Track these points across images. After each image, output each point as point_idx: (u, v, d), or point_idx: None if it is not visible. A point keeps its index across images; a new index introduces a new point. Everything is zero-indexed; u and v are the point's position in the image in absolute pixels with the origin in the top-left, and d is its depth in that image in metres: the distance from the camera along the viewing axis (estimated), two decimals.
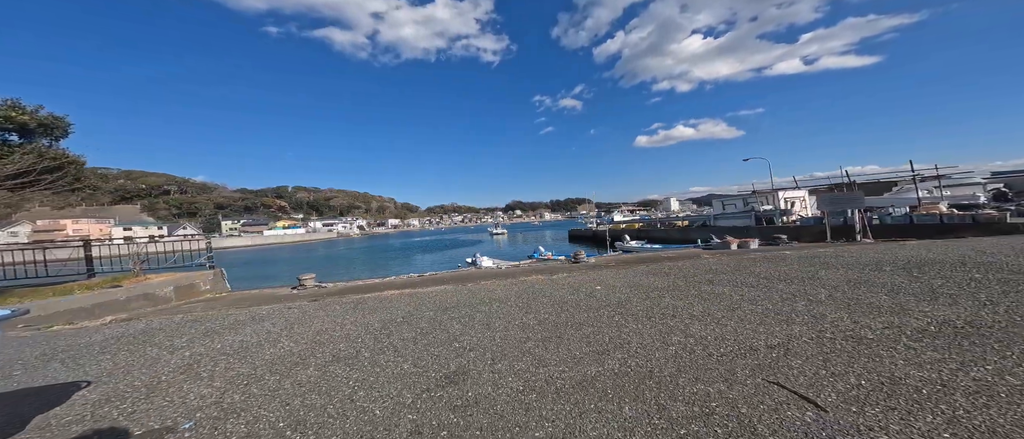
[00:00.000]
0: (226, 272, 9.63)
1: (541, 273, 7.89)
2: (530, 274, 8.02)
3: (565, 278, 6.62)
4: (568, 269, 8.58)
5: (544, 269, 9.14)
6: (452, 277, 8.96)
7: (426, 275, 10.07)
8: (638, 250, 16.70)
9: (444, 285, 6.84)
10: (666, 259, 8.84)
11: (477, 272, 9.94)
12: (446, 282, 7.68)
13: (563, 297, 4.80)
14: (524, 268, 10.55)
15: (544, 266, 10.37)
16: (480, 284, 6.49)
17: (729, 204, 19.32)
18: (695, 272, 6.05)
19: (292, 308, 5.28)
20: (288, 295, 8.03)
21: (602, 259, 11.39)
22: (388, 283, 8.79)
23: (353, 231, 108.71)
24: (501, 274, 8.71)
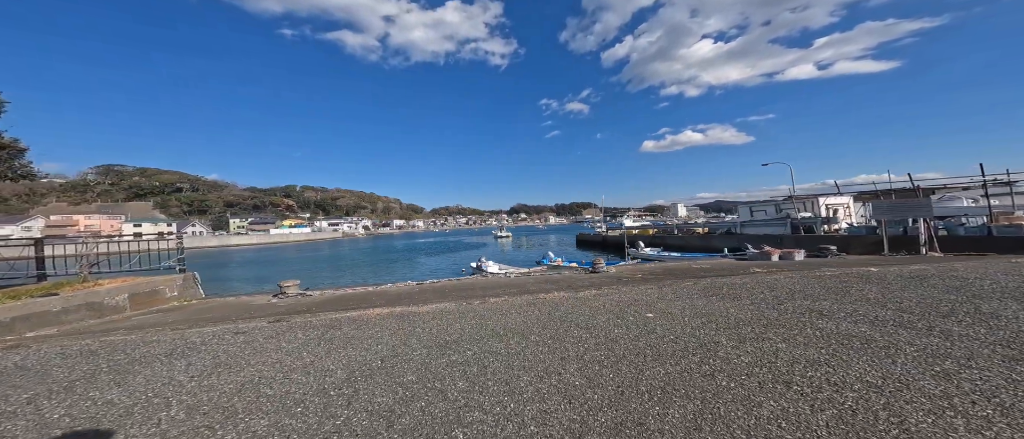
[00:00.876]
0: (223, 272, 8.36)
1: (561, 288, 6.48)
2: (548, 288, 6.62)
3: (594, 296, 5.20)
4: (591, 282, 7.15)
5: (561, 281, 7.72)
6: (455, 288, 7.57)
7: (425, 284, 8.71)
8: (658, 259, 15.19)
9: (445, 301, 5.45)
10: (709, 273, 7.38)
11: (483, 282, 8.57)
12: (448, 296, 6.29)
13: (606, 329, 3.40)
14: (537, 278, 9.14)
15: (560, 277, 8.95)
16: (490, 303, 5.09)
17: (758, 210, 17.67)
18: (770, 294, 4.61)
19: (240, 335, 3.94)
20: (262, 306, 6.73)
21: (623, 269, 9.93)
22: (381, 293, 7.45)
23: (358, 231, 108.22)
24: (512, 286, 7.31)
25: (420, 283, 9.20)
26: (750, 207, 18.39)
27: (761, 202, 18.32)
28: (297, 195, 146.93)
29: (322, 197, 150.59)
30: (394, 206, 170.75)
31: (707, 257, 13.59)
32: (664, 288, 5.36)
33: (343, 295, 7.86)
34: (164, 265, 7.86)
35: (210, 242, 68.11)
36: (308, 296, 7.79)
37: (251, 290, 12.68)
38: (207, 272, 26.51)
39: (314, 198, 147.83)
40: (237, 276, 23.06)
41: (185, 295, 7.62)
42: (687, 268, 9.03)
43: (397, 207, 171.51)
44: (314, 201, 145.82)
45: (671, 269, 8.95)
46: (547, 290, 6.14)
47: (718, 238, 17.89)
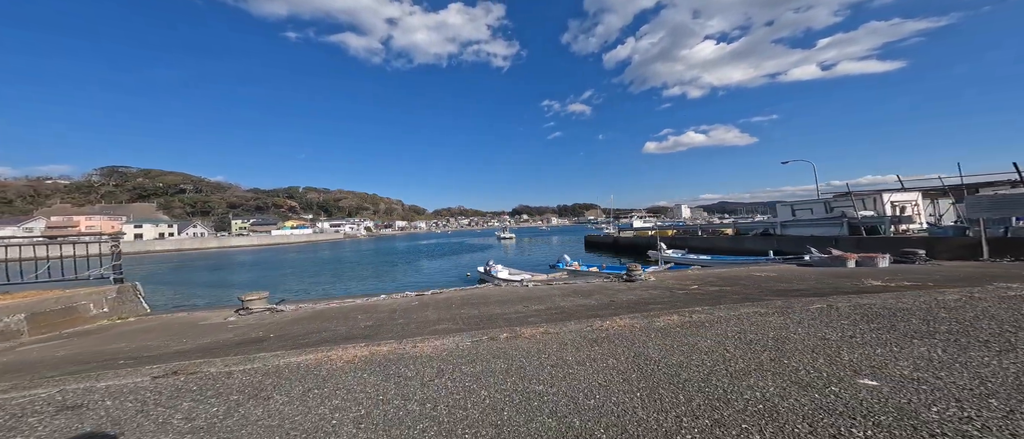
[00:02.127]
0: (212, 276, 6.60)
1: (616, 309, 4.70)
2: (595, 308, 4.85)
3: (685, 327, 3.36)
4: (644, 298, 5.36)
5: (599, 294, 5.93)
6: (465, 302, 5.78)
7: (426, 296, 6.93)
8: (694, 263, 13.33)
9: (455, 333, 3.65)
10: (800, 285, 5.59)
11: (497, 293, 6.78)
12: (458, 320, 4.50)
13: (792, 417, 1.61)
14: (563, 288, 7.35)
15: (590, 286, 7.17)
16: (524, 337, 3.26)
17: (801, 209, 15.72)
18: (986, 327, 2.83)
19: (69, 412, 2.16)
20: (212, 327, 4.97)
21: (662, 275, 8.12)
22: (369, 308, 5.68)
23: (360, 232, 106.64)
24: (537, 300, 5.53)
25: (420, 294, 7.43)
26: (791, 206, 16.40)
27: (805, 200, 16.35)
28: (300, 196, 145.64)
29: (325, 198, 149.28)
30: (396, 207, 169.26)
31: (748, 261, 11.77)
32: (787, 315, 3.56)
33: (322, 311, 6.10)
34: (94, 275, 6.10)
35: (210, 244, 66.54)
36: (278, 312, 6.03)
37: (216, 301, 10.93)
38: (196, 275, 24.85)
39: (317, 199, 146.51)
40: (221, 281, 21.33)
41: (120, 311, 5.87)
42: (748, 275, 7.22)
43: (399, 208, 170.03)
44: (317, 202, 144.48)
45: (729, 277, 7.15)
46: (599, 313, 4.33)
47: (753, 240, 15.98)
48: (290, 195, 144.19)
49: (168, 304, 12.29)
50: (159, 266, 34.50)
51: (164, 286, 18.63)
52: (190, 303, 11.68)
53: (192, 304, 11.44)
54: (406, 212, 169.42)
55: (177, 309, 7.19)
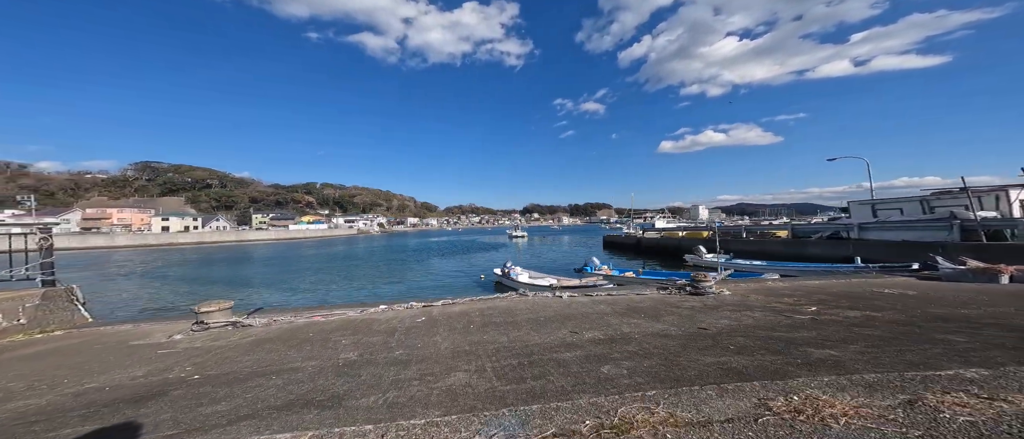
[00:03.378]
0: (222, 271, 5.29)
1: (770, 354, 2.96)
2: (704, 348, 3.14)
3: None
4: (799, 333, 3.57)
5: (681, 318, 4.23)
6: (486, 323, 4.15)
7: (436, 309, 5.35)
8: (753, 270, 11.19)
9: (482, 412, 1.95)
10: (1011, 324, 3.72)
11: (527, 308, 5.13)
12: (487, 384, 2.84)
13: None
14: (611, 301, 5.63)
15: (643, 301, 5.44)
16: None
17: (887, 208, 13.23)
18: None
19: None
20: (139, 352, 3.53)
21: (737, 289, 6.29)
22: (362, 326, 4.12)
23: (373, 228, 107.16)
24: (586, 322, 3.84)
25: (428, 305, 5.87)
26: (872, 206, 13.90)
27: (892, 198, 13.85)
28: (317, 192, 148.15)
29: (340, 194, 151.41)
30: (409, 204, 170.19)
31: (826, 270, 9.76)
32: None
33: (299, 328, 4.61)
34: (16, 276, 4.77)
35: (229, 237, 67.62)
36: (243, 326, 4.58)
37: (191, 303, 9.79)
38: (203, 270, 24.10)
39: (333, 195, 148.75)
40: (222, 277, 20.50)
41: (43, 322, 4.54)
42: (869, 292, 5.33)
43: (412, 205, 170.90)
44: (333, 198, 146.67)
45: (836, 292, 5.28)
46: (726, 360, 2.60)
47: (818, 245, 13.58)
48: (308, 191, 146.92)
49: (137, 307, 11.23)
50: (175, 258, 34.54)
51: (161, 281, 17.87)
52: (154, 308, 10.55)
53: (154, 311, 10.26)
54: (418, 209, 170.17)
55: (123, 321, 5.86)
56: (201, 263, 28.94)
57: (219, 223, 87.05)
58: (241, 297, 13.18)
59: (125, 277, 19.18)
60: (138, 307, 11.11)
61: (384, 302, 6.53)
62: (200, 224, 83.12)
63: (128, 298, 12.79)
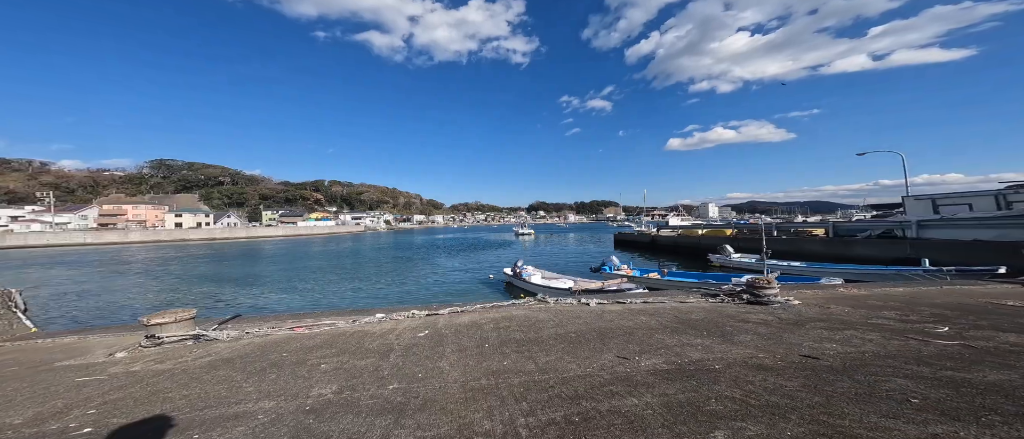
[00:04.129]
0: (226, 268, 4.58)
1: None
2: (831, 401, 2.01)
3: None
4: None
5: (752, 336, 3.12)
6: (503, 340, 3.09)
7: (441, 320, 4.37)
8: (789, 272, 9.93)
9: None
10: None
11: (552, 323, 4.11)
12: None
13: None
14: (649, 310, 4.58)
15: (707, 313, 4.39)
16: None
17: (951, 205, 11.79)
18: None
19: None
20: (65, 376, 2.63)
21: (810, 297, 5.17)
22: (349, 346, 3.07)
23: (380, 225, 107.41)
24: (630, 339, 2.79)
25: (432, 312, 4.91)
26: (932, 201, 12.41)
27: (958, 193, 12.34)
28: (325, 189, 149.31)
29: (348, 191, 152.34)
30: (415, 201, 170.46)
31: (888, 273, 8.57)
32: None
33: (274, 343, 3.69)
34: None
35: (239, 233, 68.14)
36: (206, 342, 3.69)
37: (164, 307, 9.01)
38: (202, 267, 23.62)
39: (340, 192, 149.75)
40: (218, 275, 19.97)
41: None
42: (983, 303, 4.18)
43: (418, 203, 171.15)
44: (340, 195, 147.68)
45: (946, 304, 4.15)
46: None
47: (866, 245, 12.11)
48: (317, 188, 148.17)
49: (111, 310, 10.29)
50: (184, 255, 34.46)
51: (160, 279, 17.32)
52: (112, 315, 9.66)
53: (110, 318, 9.35)
54: (424, 206, 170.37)
55: (70, 331, 5.00)
56: (209, 259, 28.65)
57: (230, 220, 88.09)
58: (237, 296, 12.46)
59: (123, 275, 18.73)
60: (112, 310, 10.26)
61: (383, 309, 5.59)
62: (212, 221, 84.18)
63: (107, 301, 11.75)
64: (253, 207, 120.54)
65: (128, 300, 11.84)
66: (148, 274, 19.01)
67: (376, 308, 5.69)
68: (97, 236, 52.80)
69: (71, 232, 54.14)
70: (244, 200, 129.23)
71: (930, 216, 12.04)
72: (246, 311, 9.71)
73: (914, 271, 8.45)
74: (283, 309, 10.17)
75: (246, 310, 9.89)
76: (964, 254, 8.98)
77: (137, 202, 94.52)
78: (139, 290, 13.98)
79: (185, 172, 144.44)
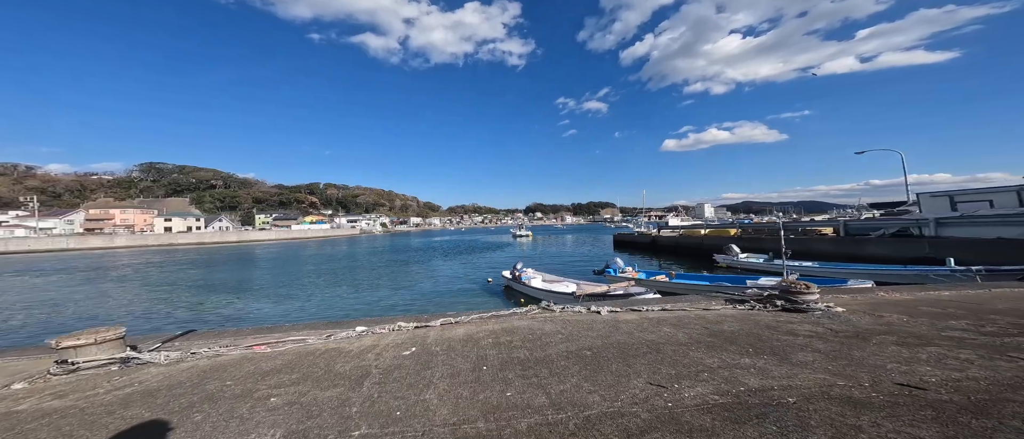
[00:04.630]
0: (208, 274, 4.28)
1: None
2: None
3: None
4: None
5: (806, 353, 2.41)
6: (506, 361, 2.31)
7: (432, 333, 3.64)
8: (800, 272, 9.30)
9: None
10: None
11: (561, 337, 3.41)
12: None
13: None
14: (671, 320, 3.90)
15: (737, 322, 3.73)
16: None
17: (970, 202, 11.25)
18: None
19: None
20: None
21: (849, 302, 4.55)
22: (314, 372, 2.25)
23: (376, 228, 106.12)
24: (657, 357, 2.11)
25: (422, 324, 4.22)
26: (950, 197, 12.01)
27: (976, 190, 12.01)
28: (320, 192, 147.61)
29: (343, 194, 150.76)
30: (411, 204, 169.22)
31: (911, 272, 8.04)
32: None
33: (223, 366, 2.97)
34: None
35: (230, 237, 66.60)
36: (136, 366, 2.96)
37: (103, 321, 8.11)
38: (184, 272, 22.60)
39: (336, 195, 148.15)
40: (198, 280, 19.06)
41: None
42: None
43: (414, 205, 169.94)
44: (336, 198, 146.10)
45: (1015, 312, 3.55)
46: None
47: (879, 244, 11.57)
48: (312, 191, 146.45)
49: (50, 326, 9.13)
50: (169, 259, 33.29)
51: (128, 286, 16.34)
52: (52, 331, 8.41)
53: (44, 336, 8.22)
54: (421, 209, 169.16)
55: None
56: (193, 264, 27.58)
57: (222, 223, 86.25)
58: (210, 304, 11.55)
59: (94, 282, 17.64)
60: (53, 326, 9.05)
61: (365, 320, 4.88)
62: (202, 224, 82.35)
63: (53, 314, 10.44)
64: (246, 211, 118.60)
65: (83, 311, 10.77)
66: (122, 281, 17.99)
67: (357, 320, 4.97)
68: (81, 241, 51.15)
69: (54, 237, 52.35)
70: (237, 203, 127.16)
71: (948, 214, 11.57)
72: (216, 322, 8.87)
73: (940, 271, 7.94)
74: (259, 319, 9.33)
75: (216, 321, 9.03)
76: (988, 253, 8.52)
77: (125, 206, 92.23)
78: (100, 299, 12.91)
79: (176, 175, 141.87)
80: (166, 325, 8.50)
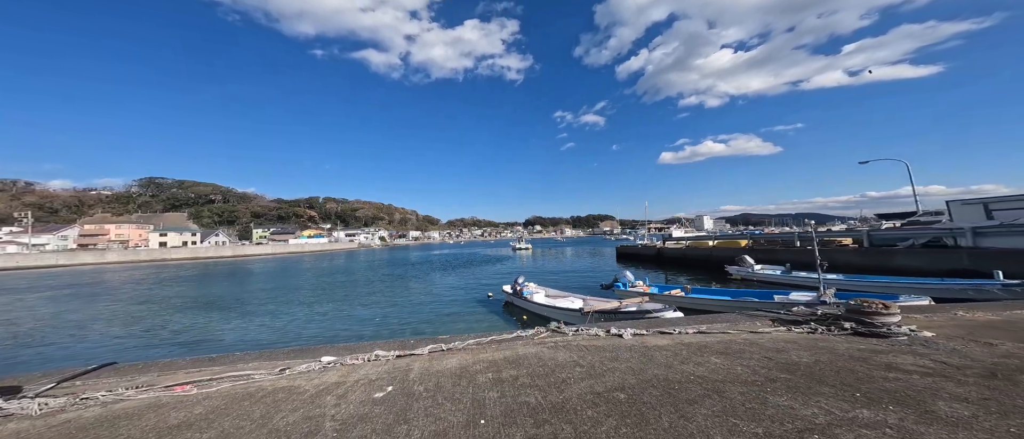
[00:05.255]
0: (203, 287, 4.46)
1: None
2: None
3: None
4: None
5: (954, 406, 1.54)
6: (511, 408, 1.50)
7: (417, 364, 2.74)
8: (839, 287, 8.32)
9: None
10: None
11: (580, 370, 2.53)
12: None
13: None
14: (715, 346, 2.98)
15: (805, 352, 2.83)
16: None
17: (1016, 208, 10.42)
18: None
19: None
20: None
21: (923, 322, 3.70)
22: (248, 418, 1.49)
23: (374, 242, 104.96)
24: (766, 418, 1.22)
25: (406, 351, 3.35)
26: (984, 205, 11.21)
27: (1011, 197, 11.06)
28: (319, 206, 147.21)
29: (342, 208, 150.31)
30: (411, 218, 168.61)
31: (954, 286, 7.21)
32: None
33: (114, 417, 2.08)
34: None
35: (225, 252, 65.35)
36: (25, 409, 2.09)
37: (27, 357, 6.97)
38: (177, 288, 21.42)
39: (335, 209, 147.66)
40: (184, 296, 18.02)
41: None
42: None
43: (414, 219, 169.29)
44: (335, 212, 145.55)
45: None
46: None
47: (908, 256, 10.75)
48: (310, 205, 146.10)
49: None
50: (158, 275, 32.19)
51: (88, 304, 15.12)
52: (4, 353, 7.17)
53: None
54: (420, 222, 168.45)
55: None
56: (180, 280, 26.51)
57: (218, 238, 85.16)
58: (171, 324, 10.34)
59: (58, 300, 16.41)
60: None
61: (338, 347, 4.02)
62: (198, 239, 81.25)
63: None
64: (244, 225, 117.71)
65: (20, 334, 9.44)
66: (91, 298, 16.86)
67: (329, 346, 4.09)
68: (71, 257, 49.92)
69: (44, 254, 51.20)
70: (235, 218, 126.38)
71: (986, 222, 10.74)
72: (166, 348, 7.74)
73: (989, 285, 7.12)
74: (216, 345, 8.16)
75: (166, 347, 7.80)
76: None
77: (122, 221, 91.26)
78: (51, 320, 11.44)
79: (175, 190, 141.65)
80: (97, 352, 7.46)
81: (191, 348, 7.77)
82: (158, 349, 7.77)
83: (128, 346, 8.01)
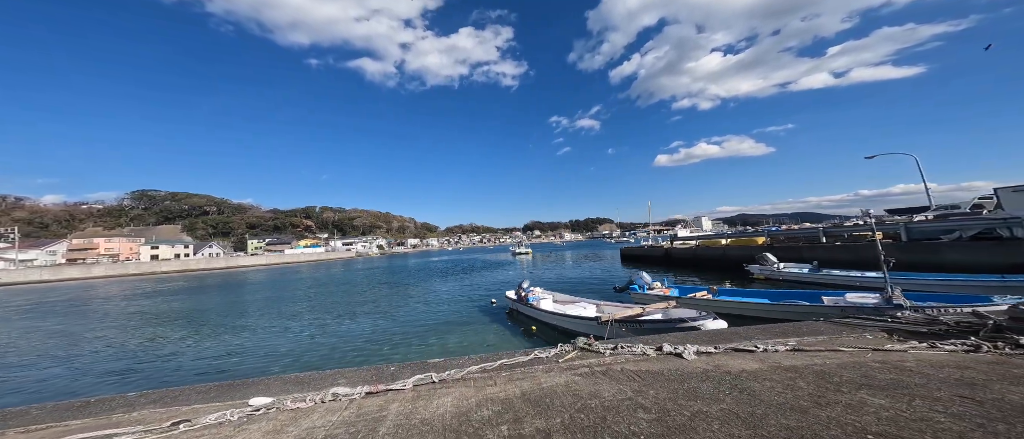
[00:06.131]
0: (179, 301, 2.79)
1: None
2: None
3: None
4: None
5: None
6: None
7: (393, 406, 1.70)
8: (977, 292, 6.98)
9: None
10: None
11: (632, 407, 1.54)
12: None
13: None
14: (830, 368, 1.97)
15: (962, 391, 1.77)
16: None
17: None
18: None
19: None
20: None
21: None
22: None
23: (372, 250, 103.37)
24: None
25: (380, 387, 2.24)
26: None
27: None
28: (316, 216, 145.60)
29: (339, 217, 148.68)
30: (409, 225, 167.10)
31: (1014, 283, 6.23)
32: None
33: None
34: None
35: (218, 264, 63.68)
36: None
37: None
38: (156, 303, 19.76)
39: (332, 219, 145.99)
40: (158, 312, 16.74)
41: None
42: None
43: (412, 226, 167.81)
44: (332, 221, 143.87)
45: None
46: None
47: (955, 248, 9.79)
48: (307, 215, 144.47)
49: None
50: (142, 289, 30.75)
51: (42, 322, 13.73)
52: None
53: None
54: (418, 230, 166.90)
55: None
56: (164, 294, 25.14)
57: (212, 250, 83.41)
58: (111, 346, 9.02)
59: (11, 321, 14.86)
60: None
61: (281, 382, 2.92)
62: (191, 251, 79.49)
63: None
64: (240, 236, 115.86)
65: None
66: (55, 316, 15.47)
67: (264, 381, 2.99)
68: (56, 272, 48.22)
69: (29, 269, 49.42)
70: (230, 229, 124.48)
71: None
72: (91, 380, 6.44)
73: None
74: (168, 368, 6.91)
75: (94, 378, 6.45)
76: None
77: (112, 235, 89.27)
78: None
79: (168, 202, 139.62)
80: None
81: (121, 377, 6.52)
82: (83, 380, 6.49)
83: (36, 377, 6.68)
